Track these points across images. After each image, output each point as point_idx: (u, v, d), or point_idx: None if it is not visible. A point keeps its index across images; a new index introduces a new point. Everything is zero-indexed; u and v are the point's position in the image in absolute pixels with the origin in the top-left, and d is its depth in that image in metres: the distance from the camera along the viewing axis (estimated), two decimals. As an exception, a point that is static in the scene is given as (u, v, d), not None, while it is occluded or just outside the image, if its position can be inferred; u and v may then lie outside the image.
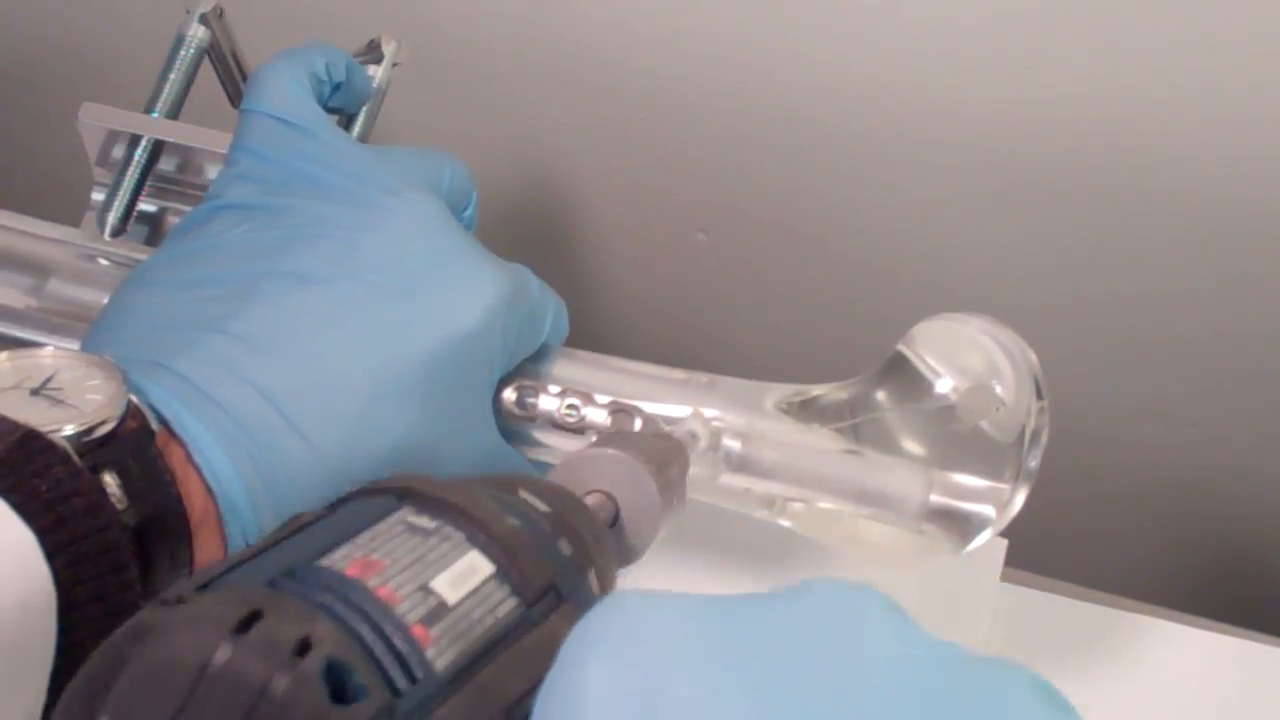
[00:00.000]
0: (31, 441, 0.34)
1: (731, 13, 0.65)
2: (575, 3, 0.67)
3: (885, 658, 0.26)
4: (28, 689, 0.32)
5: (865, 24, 0.64)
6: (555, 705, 0.26)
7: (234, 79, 0.58)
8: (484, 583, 0.29)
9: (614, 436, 0.39)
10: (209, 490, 0.38)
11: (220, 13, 0.56)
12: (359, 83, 0.52)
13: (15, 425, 0.34)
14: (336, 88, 0.51)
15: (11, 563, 0.31)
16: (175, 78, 0.55)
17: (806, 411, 0.46)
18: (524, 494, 0.32)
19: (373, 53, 0.56)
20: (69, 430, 0.35)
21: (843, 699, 0.25)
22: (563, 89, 0.71)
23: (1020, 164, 0.66)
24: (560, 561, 0.31)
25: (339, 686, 0.25)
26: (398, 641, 0.26)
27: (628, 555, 0.37)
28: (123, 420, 0.36)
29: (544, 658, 0.27)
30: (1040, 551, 0.60)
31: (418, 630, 0.26)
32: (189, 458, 0.38)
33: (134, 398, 0.37)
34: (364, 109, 0.55)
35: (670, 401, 0.47)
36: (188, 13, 0.56)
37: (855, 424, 0.45)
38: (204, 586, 0.27)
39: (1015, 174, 0.66)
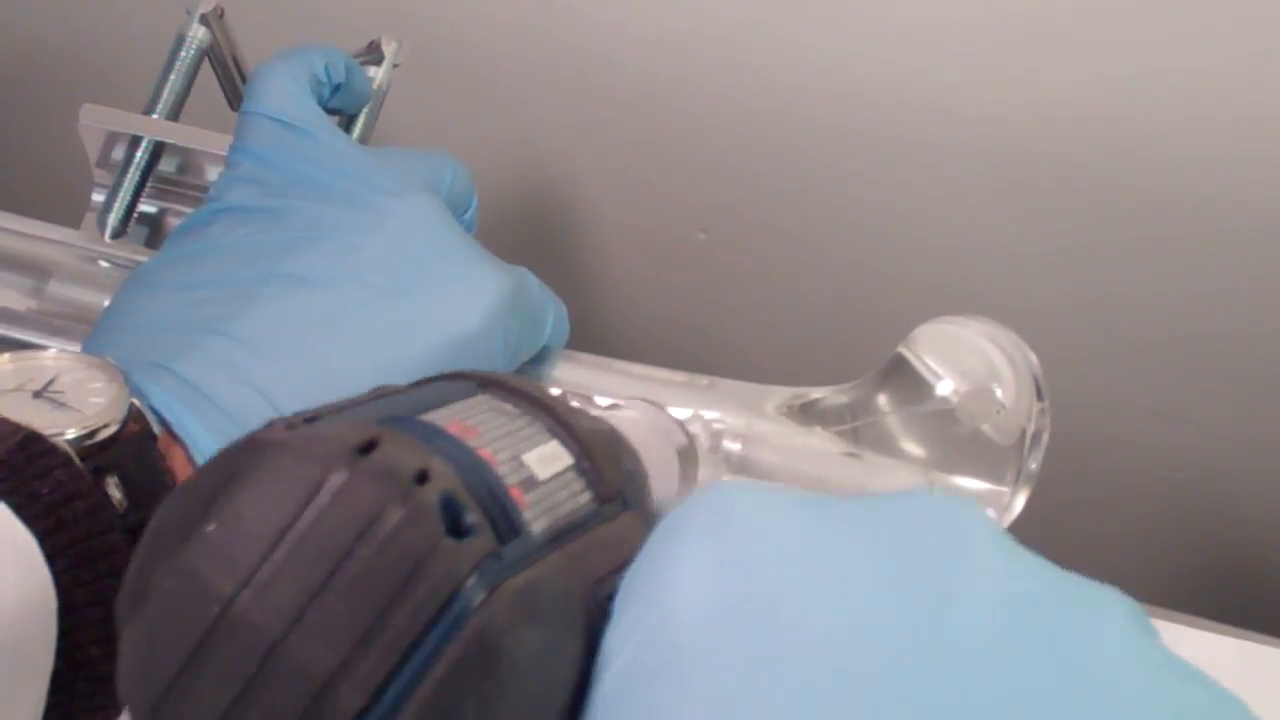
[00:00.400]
0: (33, 444, 0.33)
1: (732, 14, 0.65)
2: (575, 4, 0.67)
3: (986, 571, 0.26)
4: (28, 692, 0.32)
5: (866, 25, 0.64)
6: (645, 582, 0.25)
7: (234, 80, 0.58)
8: (565, 469, 0.28)
9: (628, 402, 0.39)
10: (209, 492, 0.38)
11: (220, 14, 0.56)
12: (359, 84, 0.52)
13: (16, 427, 0.34)
14: (336, 89, 0.51)
15: (12, 565, 0.31)
16: (175, 79, 0.55)
17: (807, 414, 0.46)
18: (592, 412, 0.32)
19: (373, 54, 0.56)
20: (71, 434, 0.35)
21: (939, 609, 0.24)
22: (563, 90, 0.71)
23: (1021, 165, 0.66)
24: (626, 472, 0.31)
25: (452, 522, 0.25)
26: (501, 496, 0.26)
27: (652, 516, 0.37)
28: (125, 424, 0.36)
29: (621, 547, 0.27)
30: (1041, 552, 0.60)
31: (515, 492, 0.26)
32: (190, 460, 0.38)
33: (136, 401, 0.37)
34: (364, 110, 0.55)
35: (671, 404, 0.46)
36: (188, 14, 0.56)
37: (856, 427, 0.45)
38: (312, 420, 0.27)
39: (1016, 175, 0.66)
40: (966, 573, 0.25)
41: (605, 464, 0.29)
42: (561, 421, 0.29)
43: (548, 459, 0.28)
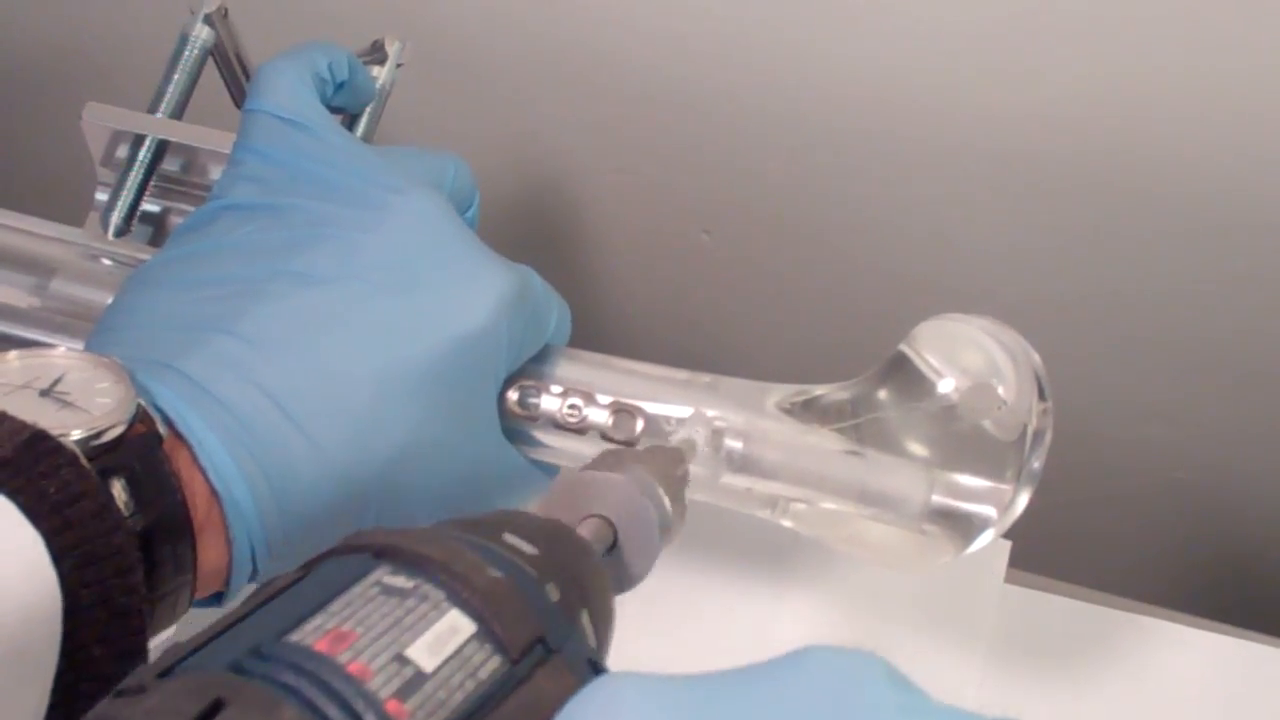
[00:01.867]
0: (39, 442, 0.34)
1: (736, 12, 0.65)
2: (579, 2, 0.67)
3: None
4: (31, 692, 0.32)
5: (869, 24, 0.64)
6: None
7: (238, 79, 0.58)
8: (465, 643, 0.27)
9: (608, 456, 0.38)
10: (213, 491, 0.38)
11: (224, 13, 0.56)
12: (362, 82, 0.52)
13: (23, 425, 0.34)
14: (340, 87, 0.51)
15: (18, 565, 0.31)
16: (179, 78, 0.55)
17: (808, 411, 0.46)
18: (509, 537, 0.31)
19: (376, 53, 0.56)
20: (77, 434, 0.35)
21: None
22: (566, 89, 0.71)
23: (1023, 164, 0.66)
24: (548, 610, 0.29)
25: None
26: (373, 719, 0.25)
27: (627, 581, 0.36)
28: (131, 425, 0.36)
29: (530, 717, 0.26)
30: (1043, 552, 0.60)
31: (392, 706, 0.25)
32: (194, 459, 0.38)
33: (142, 401, 0.37)
34: (367, 109, 0.55)
35: (672, 401, 0.46)
36: (192, 13, 0.56)
37: (857, 424, 0.45)
38: (165, 673, 0.26)
39: (1018, 174, 0.66)
40: None
41: (514, 617, 0.28)
42: (463, 581, 0.28)
43: (440, 640, 0.27)
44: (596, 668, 0.29)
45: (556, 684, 0.27)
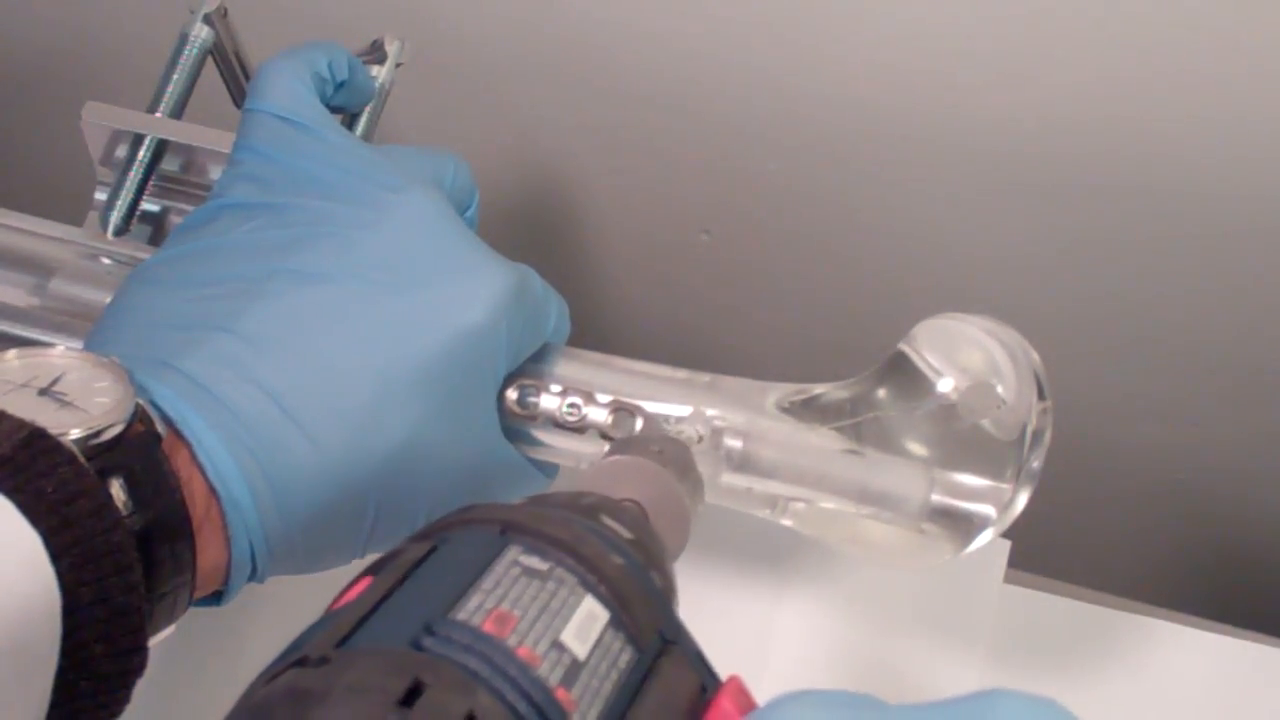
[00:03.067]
0: (37, 441, 0.34)
1: (735, 14, 0.65)
2: (578, 3, 0.67)
3: None
4: (32, 690, 0.32)
5: (868, 25, 0.64)
6: None
7: (237, 78, 0.58)
8: (603, 632, 0.27)
9: (633, 442, 0.38)
10: (212, 490, 0.38)
11: (224, 12, 0.56)
12: (362, 82, 0.52)
13: (21, 424, 0.34)
14: (339, 87, 0.51)
15: (16, 563, 0.31)
16: (179, 77, 0.55)
17: (808, 411, 0.46)
18: (607, 520, 0.31)
19: (376, 52, 0.56)
20: (76, 434, 0.35)
21: None
22: (566, 89, 0.71)
23: (1022, 165, 0.66)
24: (660, 600, 0.29)
25: None
26: (548, 710, 0.25)
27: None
28: (130, 425, 0.36)
29: (669, 712, 0.26)
30: (1043, 552, 0.60)
31: (561, 694, 0.25)
32: (193, 458, 0.38)
33: (141, 401, 0.37)
34: (367, 109, 0.55)
35: (671, 401, 0.46)
36: (191, 12, 0.56)
37: (856, 423, 0.45)
38: (343, 642, 0.26)
39: (1017, 174, 0.66)
40: None
41: (640, 607, 0.28)
42: (592, 567, 0.28)
43: (585, 627, 0.27)
44: (706, 663, 0.29)
45: (681, 677, 0.28)
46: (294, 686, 0.24)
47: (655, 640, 0.28)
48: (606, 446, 0.42)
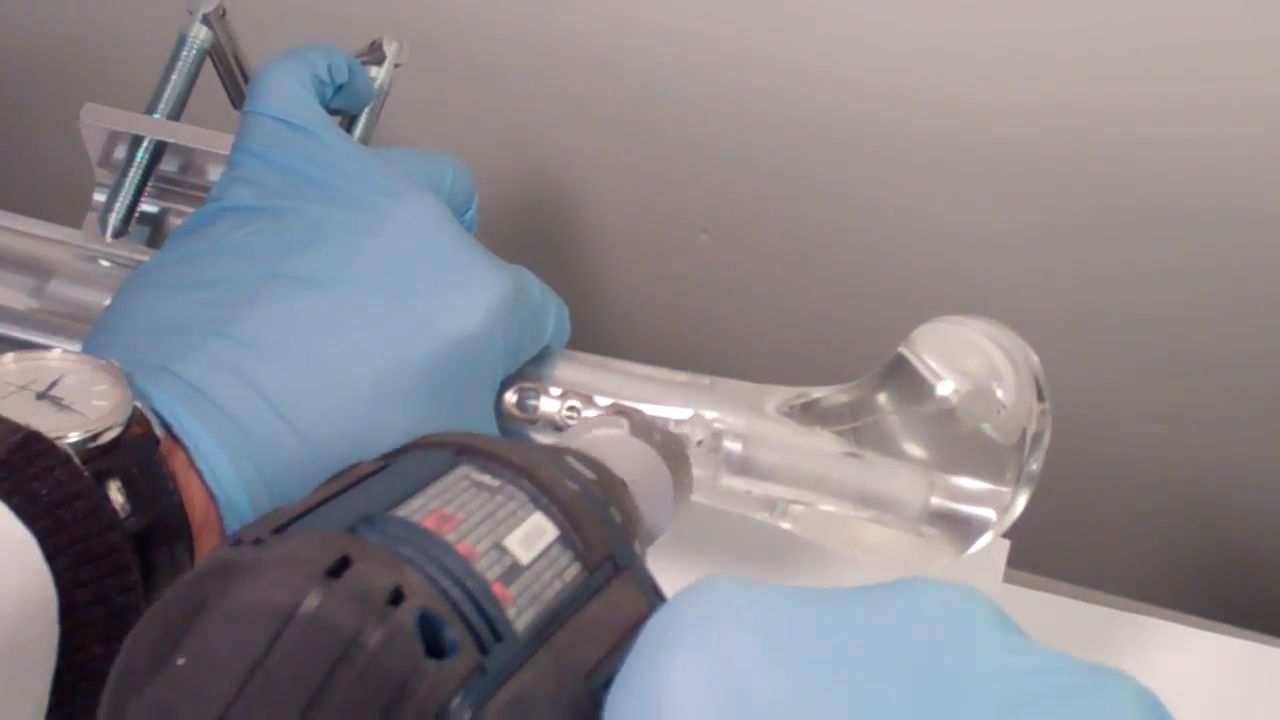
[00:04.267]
0: (32, 444, 0.34)
1: (734, 11, 0.65)
2: (578, 4, 0.67)
3: (993, 670, 0.25)
4: (30, 691, 0.32)
5: (867, 23, 0.64)
6: (635, 695, 0.25)
7: (236, 80, 0.58)
8: (550, 545, 0.28)
9: (616, 418, 0.39)
10: (210, 494, 0.38)
11: (222, 14, 0.56)
12: (361, 84, 0.52)
13: (16, 427, 0.34)
14: (338, 89, 0.51)
15: (12, 565, 0.31)
16: (177, 79, 0.55)
17: (808, 414, 0.46)
18: (571, 460, 0.32)
19: (374, 54, 0.56)
20: (74, 437, 0.35)
21: (948, 713, 0.24)
22: (565, 89, 0.71)
23: (1023, 166, 0.66)
24: (614, 529, 0.30)
25: (431, 640, 0.24)
26: (481, 599, 0.25)
27: (646, 536, 0.36)
28: (128, 427, 0.36)
29: (612, 627, 0.27)
30: (1042, 552, 0.60)
31: (498, 588, 0.26)
32: (191, 462, 0.38)
33: (139, 404, 0.37)
34: (366, 110, 0.55)
35: (671, 403, 0.46)
36: (190, 13, 0.56)
37: (856, 426, 0.45)
38: (280, 529, 0.26)
39: (1018, 175, 0.66)
40: (973, 675, 0.24)
41: (591, 530, 0.29)
42: (544, 488, 0.29)
43: (531, 537, 0.27)
44: (658, 591, 0.30)
45: (629, 598, 0.28)
46: (224, 560, 0.25)
47: (607, 564, 0.29)
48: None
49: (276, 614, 0.23)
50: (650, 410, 0.46)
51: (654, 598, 0.29)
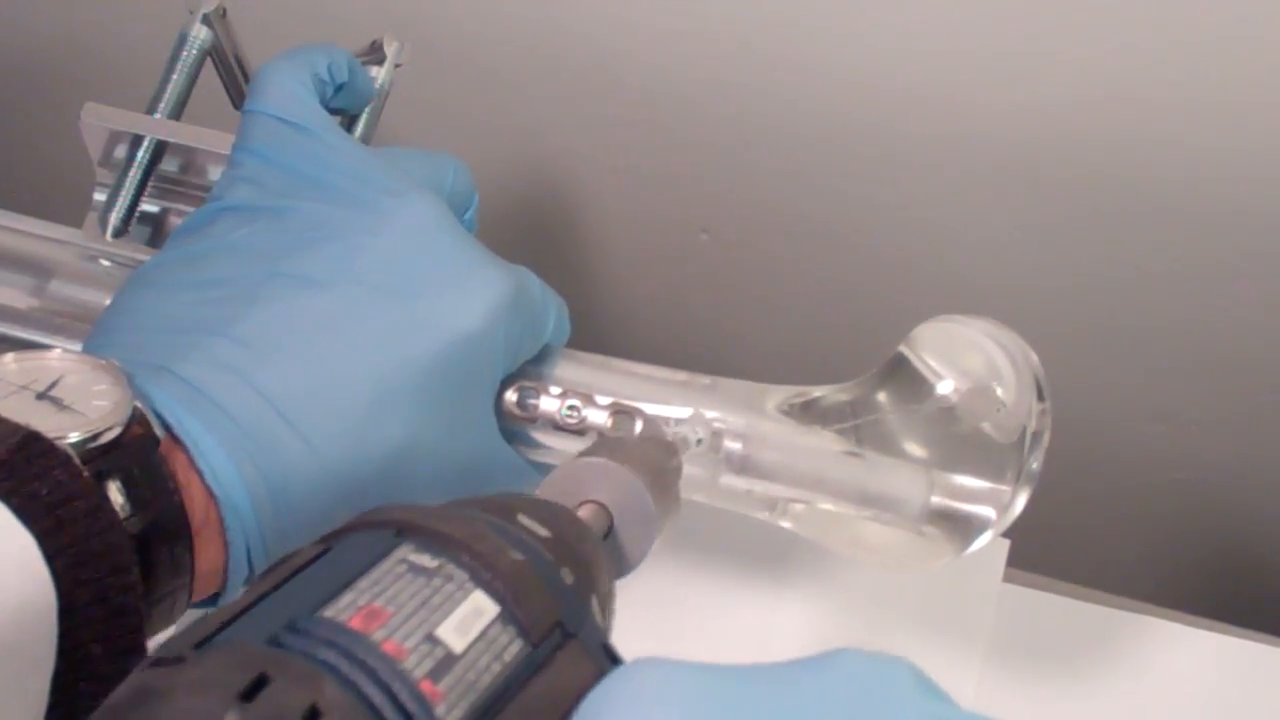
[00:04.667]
0: (32, 444, 0.34)
1: (734, 11, 0.65)
2: (578, 4, 0.67)
3: None
4: (29, 691, 0.32)
5: (867, 22, 0.64)
6: None
7: (236, 80, 0.58)
8: (489, 625, 0.27)
9: (605, 444, 0.38)
10: (211, 494, 0.38)
11: (223, 13, 0.56)
12: (361, 83, 0.52)
13: (16, 427, 0.34)
14: (339, 88, 0.51)
15: (11, 565, 0.31)
16: (178, 78, 0.55)
17: (808, 413, 0.46)
18: (523, 519, 0.31)
19: (375, 53, 0.56)
20: (74, 437, 0.35)
21: None
22: (565, 89, 0.71)
23: (1023, 166, 0.66)
24: (564, 594, 0.30)
25: None
26: (406, 701, 0.25)
27: (623, 567, 0.37)
28: (128, 427, 0.36)
29: (556, 702, 0.26)
30: (1042, 552, 0.60)
31: (426, 686, 0.25)
32: (191, 462, 0.38)
33: (139, 404, 0.37)
34: (366, 110, 0.55)
35: (671, 403, 0.46)
36: (190, 13, 0.56)
37: (856, 425, 0.45)
38: (201, 644, 0.26)
39: (1019, 175, 0.66)
40: None
41: (535, 600, 0.28)
42: (486, 563, 0.28)
43: (467, 621, 0.27)
44: (610, 653, 0.29)
45: (576, 669, 0.28)
46: (142, 686, 0.24)
47: (554, 634, 0.28)
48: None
49: None
50: (651, 410, 0.46)
51: (604, 662, 0.29)
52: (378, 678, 0.25)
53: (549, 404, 0.47)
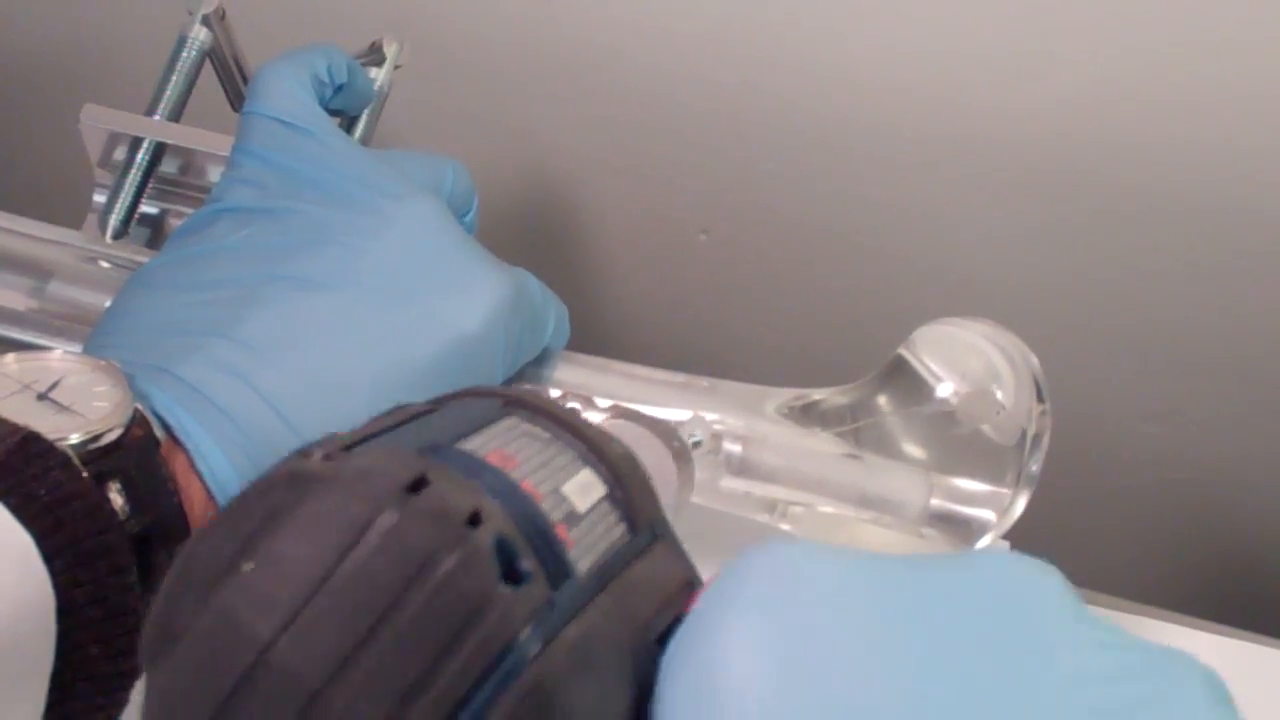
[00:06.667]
0: (31, 444, 0.33)
1: (735, 12, 0.65)
2: (578, 3, 0.67)
3: (1063, 642, 0.25)
4: (28, 691, 0.32)
5: (867, 23, 0.64)
6: (696, 654, 0.24)
7: (235, 81, 0.58)
8: (600, 500, 0.27)
9: (631, 413, 0.39)
10: (211, 495, 0.38)
11: (222, 15, 0.56)
12: (361, 85, 0.52)
13: (15, 428, 0.34)
14: (338, 90, 0.51)
15: (9, 566, 0.31)
16: (177, 80, 0.55)
17: (807, 415, 0.46)
18: (606, 427, 0.32)
19: (374, 55, 0.56)
20: (74, 438, 0.35)
21: (1017, 684, 0.24)
22: (564, 90, 0.71)
23: (1023, 166, 0.66)
24: (654, 496, 0.29)
25: (507, 566, 0.23)
26: (552, 540, 0.25)
27: None
28: (128, 429, 0.36)
29: (659, 587, 0.26)
30: (1042, 552, 0.60)
31: (561, 530, 0.25)
32: (191, 464, 0.38)
33: (139, 405, 0.37)
34: (366, 111, 0.55)
35: (671, 405, 0.47)
36: (190, 15, 0.55)
37: (856, 428, 0.45)
38: (349, 448, 0.25)
39: (1018, 175, 0.66)
40: (1044, 645, 0.24)
41: (636, 492, 0.28)
42: (593, 447, 0.28)
43: (584, 489, 0.27)
44: (691, 563, 0.29)
45: (669, 565, 0.27)
46: (297, 471, 0.24)
47: (647, 529, 0.28)
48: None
49: (353, 525, 0.22)
50: (650, 412, 0.46)
51: (691, 567, 0.29)
52: (522, 509, 0.25)
53: (549, 406, 0.47)
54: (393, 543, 0.22)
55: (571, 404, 0.47)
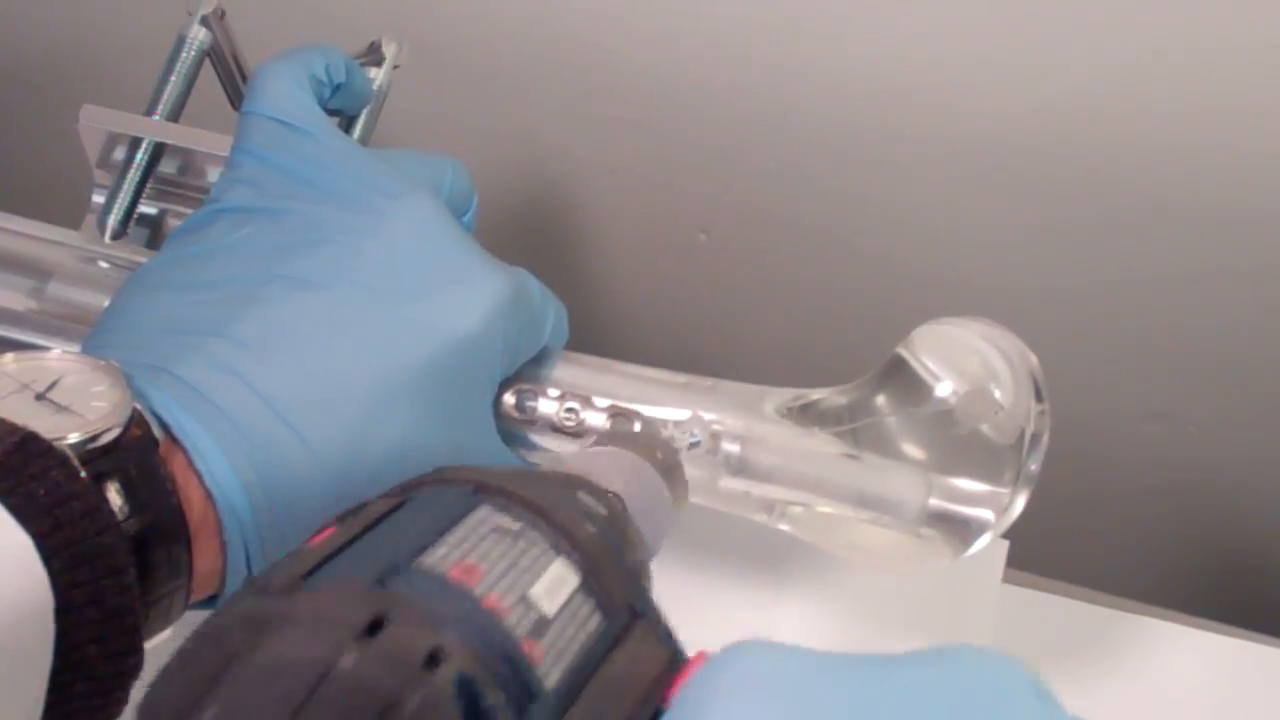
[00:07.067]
0: (30, 444, 0.34)
1: (734, 11, 0.65)
2: (577, 3, 0.67)
3: None
4: (26, 691, 0.32)
5: (867, 22, 0.64)
6: None
7: (235, 81, 0.58)
8: (573, 595, 0.27)
9: (615, 436, 0.38)
10: (209, 495, 0.38)
11: (221, 15, 0.56)
12: (359, 85, 0.52)
13: (14, 428, 0.34)
14: (337, 89, 0.51)
15: (8, 566, 0.31)
16: (176, 80, 0.55)
17: (806, 415, 0.46)
18: (582, 496, 0.31)
19: (373, 55, 0.56)
20: (73, 438, 0.35)
21: None
22: (564, 89, 0.71)
23: (1023, 166, 0.66)
24: (631, 574, 0.29)
25: (470, 706, 0.23)
26: (514, 658, 0.24)
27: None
28: (127, 429, 0.36)
29: (635, 681, 0.26)
30: (1041, 552, 0.60)
31: (527, 645, 0.25)
32: (190, 463, 0.38)
33: (138, 405, 0.37)
34: (365, 111, 0.55)
35: (670, 405, 0.46)
36: (189, 15, 0.56)
37: (854, 428, 0.45)
38: (307, 575, 0.25)
39: (1018, 175, 0.66)
40: None
41: (610, 574, 0.28)
42: (564, 532, 0.28)
43: (554, 587, 0.27)
44: (674, 638, 0.29)
45: (649, 648, 0.27)
46: (253, 612, 0.24)
47: (624, 611, 0.28)
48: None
49: (313, 670, 0.22)
50: (649, 412, 0.46)
51: (672, 644, 0.29)
52: (485, 633, 0.24)
53: (547, 406, 0.47)
54: (353, 688, 0.22)
55: (571, 404, 0.47)
